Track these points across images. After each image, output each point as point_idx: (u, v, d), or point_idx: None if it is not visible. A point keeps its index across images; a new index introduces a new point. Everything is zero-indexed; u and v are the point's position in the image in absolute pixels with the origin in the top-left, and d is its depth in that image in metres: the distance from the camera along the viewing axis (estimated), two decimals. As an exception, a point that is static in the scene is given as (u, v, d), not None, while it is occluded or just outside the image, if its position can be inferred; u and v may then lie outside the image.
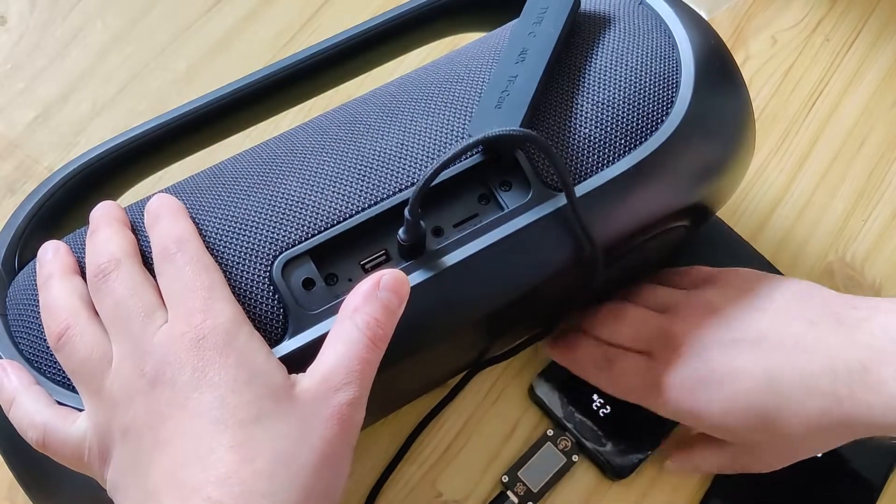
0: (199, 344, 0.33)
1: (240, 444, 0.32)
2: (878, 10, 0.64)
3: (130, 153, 0.44)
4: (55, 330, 0.36)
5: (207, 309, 0.34)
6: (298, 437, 0.33)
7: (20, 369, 0.37)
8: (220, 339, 0.34)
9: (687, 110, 0.42)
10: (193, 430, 0.32)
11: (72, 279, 0.38)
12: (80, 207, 0.43)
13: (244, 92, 0.45)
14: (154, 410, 0.33)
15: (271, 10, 0.62)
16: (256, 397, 0.33)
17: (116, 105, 0.59)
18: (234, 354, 0.33)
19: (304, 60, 0.46)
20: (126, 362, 0.34)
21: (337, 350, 0.34)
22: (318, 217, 0.38)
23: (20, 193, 0.56)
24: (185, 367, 0.33)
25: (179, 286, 0.35)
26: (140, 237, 0.38)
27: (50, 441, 0.36)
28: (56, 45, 0.61)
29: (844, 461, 0.49)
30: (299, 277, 0.38)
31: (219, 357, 0.33)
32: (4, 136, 0.58)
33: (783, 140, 0.59)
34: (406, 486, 0.49)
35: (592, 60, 0.43)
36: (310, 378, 0.34)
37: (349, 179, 0.39)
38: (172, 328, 0.34)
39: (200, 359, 0.33)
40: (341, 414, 0.33)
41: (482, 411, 0.51)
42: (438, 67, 0.44)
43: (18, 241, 0.42)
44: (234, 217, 0.39)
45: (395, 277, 0.35)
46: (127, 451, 0.34)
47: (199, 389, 0.33)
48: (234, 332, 0.34)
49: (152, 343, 0.34)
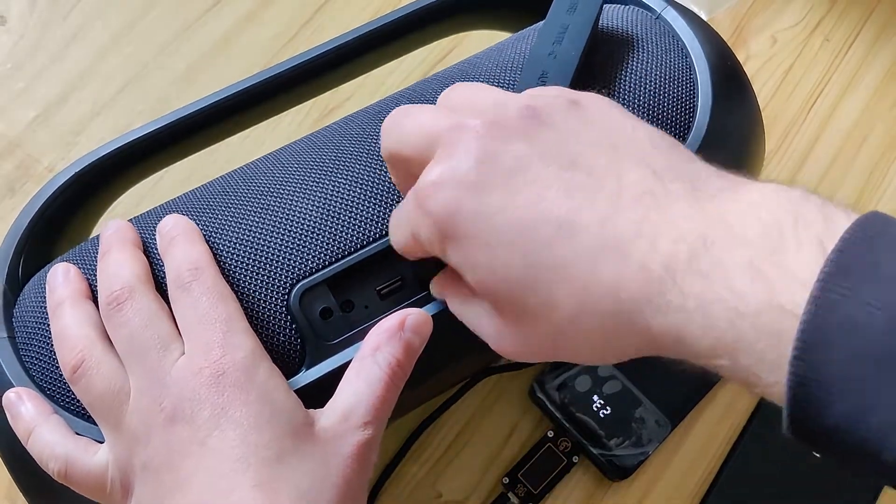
0: (219, 380, 0.33)
1: (263, 482, 0.31)
2: (878, 11, 0.64)
3: (130, 155, 0.44)
4: (70, 362, 0.35)
5: (226, 343, 0.34)
6: (320, 477, 0.32)
7: (36, 398, 0.37)
8: (241, 376, 0.33)
9: (704, 134, 0.42)
10: (215, 468, 0.32)
11: (83, 306, 0.37)
12: (82, 212, 0.43)
13: (244, 92, 0.45)
14: (174, 448, 0.33)
15: (271, 10, 0.62)
16: (278, 436, 0.32)
17: (116, 105, 0.59)
18: (254, 391, 0.33)
19: (304, 61, 0.46)
20: (144, 397, 0.34)
21: (357, 389, 0.34)
22: (335, 245, 0.38)
23: (20, 193, 0.56)
24: (204, 404, 0.32)
25: (196, 317, 0.34)
26: (152, 259, 0.38)
27: (72, 473, 0.35)
28: (56, 45, 0.60)
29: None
30: (317, 307, 0.37)
31: (239, 394, 0.33)
32: (4, 136, 0.58)
33: (783, 140, 0.59)
34: (406, 486, 0.49)
35: (613, 85, 0.42)
36: (329, 416, 0.34)
37: (365, 205, 0.39)
38: (190, 363, 0.33)
39: (220, 395, 0.33)
40: (360, 453, 0.33)
41: (482, 412, 0.51)
42: (454, 81, 0.44)
43: (21, 253, 0.41)
44: (250, 242, 0.38)
45: (420, 320, 0.35)
46: (148, 488, 0.33)
47: (219, 427, 0.32)
48: (254, 367, 0.34)
49: (170, 377, 0.33)
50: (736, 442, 0.50)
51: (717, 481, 0.50)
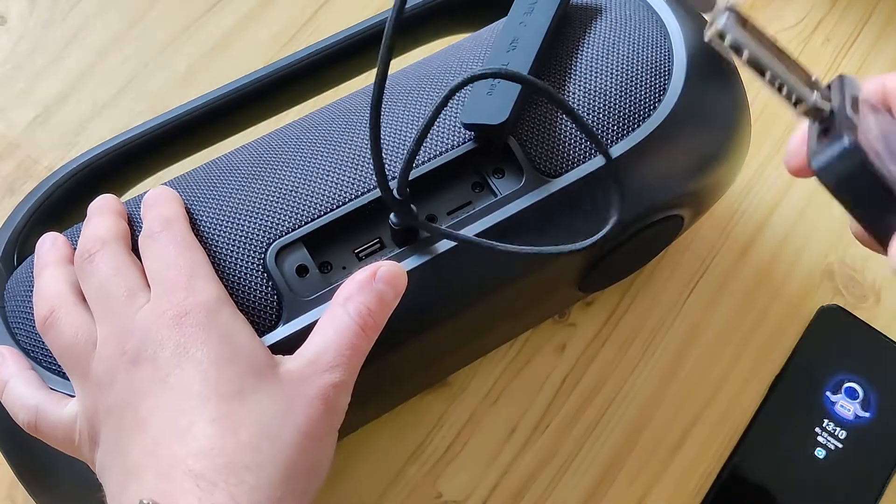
0: (181, 321, 0.33)
1: (222, 416, 0.31)
2: (878, 11, 0.64)
3: (130, 153, 0.44)
4: (41, 314, 0.36)
5: (190, 287, 0.34)
6: (282, 414, 0.32)
7: (16, 354, 0.38)
8: (203, 316, 0.33)
9: (679, 98, 0.42)
10: (174, 405, 0.32)
11: (65, 267, 0.38)
12: (80, 206, 0.43)
13: (244, 92, 0.46)
14: (135, 388, 0.33)
15: (271, 10, 0.62)
16: (239, 373, 0.32)
17: (116, 105, 0.59)
18: (216, 331, 0.33)
19: (304, 60, 0.46)
20: (109, 342, 0.34)
21: (326, 335, 0.34)
22: (311, 205, 0.38)
23: (20, 193, 0.56)
24: (166, 343, 0.33)
25: (162, 264, 0.35)
26: (136, 230, 0.39)
27: (41, 424, 0.36)
28: (56, 45, 0.60)
29: (844, 461, 0.49)
30: (293, 264, 0.38)
31: (201, 333, 0.33)
32: (4, 136, 0.58)
33: (783, 140, 0.59)
34: (406, 486, 0.49)
35: (583, 49, 0.43)
36: (296, 359, 0.34)
37: (342, 168, 0.39)
38: (154, 306, 0.34)
39: (182, 335, 0.33)
40: (326, 395, 0.33)
41: (482, 411, 0.51)
42: (432, 59, 0.45)
43: (18, 237, 0.42)
44: (229, 207, 0.39)
45: (392, 270, 0.35)
46: (110, 430, 0.33)
47: (180, 366, 0.32)
48: (217, 309, 0.34)
49: (134, 321, 0.34)
50: (737, 442, 0.50)
51: (718, 481, 0.50)
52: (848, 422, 0.50)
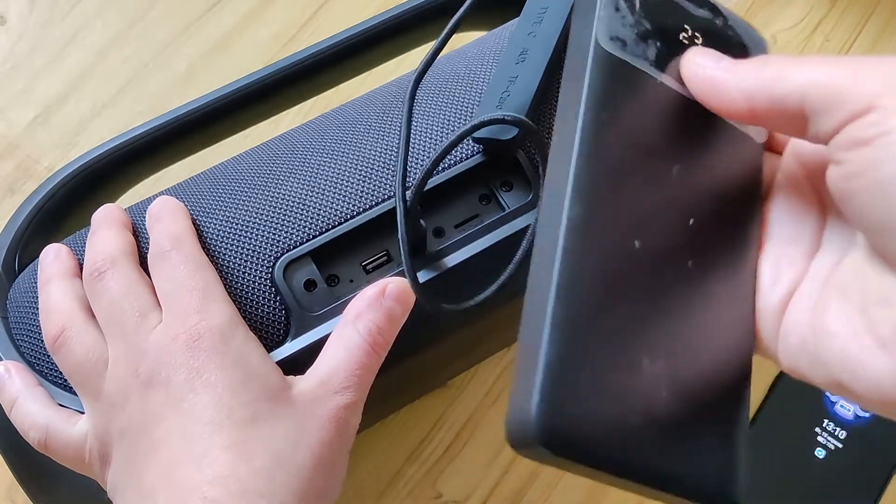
0: (195, 345, 0.33)
1: (236, 444, 0.31)
2: (878, 11, 0.64)
3: (130, 153, 0.44)
4: (52, 332, 0.36)
5: (202, 309, 0.34)
6: (295, 439, 0.32)
7: (23, 370, 0.37)
8: (216, 341, 0.33)
9: None
10: (188, 430, 0.32)
11: (71, 282, 0.37)
12: (81, 208, 0.43)
13: (244, 92, 0.45)
14: (149, 411, 0.33)
15: (271, 10, 0.62)
16: (253, 399, 0.33)
17: (116, 105, 0.59)
18: (230, 356, 0.33)
19: (304, 60, 0.46)
20: (121, 363, 0.34)
21: (337, 354, 0.34)
22: (319, 218, 0.38)
23: (20, 193, 0.56)
24: (179, 368, 0.33)
25: (173, 286, 0.35)
26: (141, 240, 0.38)
27: (52, 442, 0.36)
28: (56, 45, 0.60)
29: (844, 461, 0.49)
30: (301, 279, 0.37)
31: (215, 357, 0.33)
32: (4, 136, 0.58)
33: (783, 140, 0.59)
34: (406, 486, 0.49)
35: None
36: (307, 381, 0.34)
37: (350, 180, 0.39)
38: (167, 329, 0.34)
39: (196, 360, 0.33)
40: (338, 417, 0.33)
41: (482, 411, 0.51)
42: (439, 68, 0.44)
43: (18, 242, 0.42)
44: (236, 219, 0.38)
45: (401, 287, 0.35)
46: (124, 453, 0.33)
47: (194, 391, 0.32)
48: (230, 333, 0.34)
49: (147, 343, 0.34)
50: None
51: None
52: (848, 422, 0.50)
